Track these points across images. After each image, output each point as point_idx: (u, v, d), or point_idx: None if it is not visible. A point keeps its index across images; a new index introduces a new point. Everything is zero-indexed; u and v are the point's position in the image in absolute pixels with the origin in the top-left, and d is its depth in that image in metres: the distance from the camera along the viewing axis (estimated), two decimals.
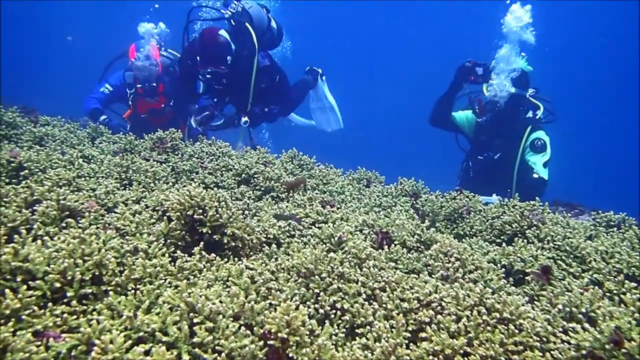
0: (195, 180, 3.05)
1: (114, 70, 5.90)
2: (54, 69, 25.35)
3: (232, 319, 1.47)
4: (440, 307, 1.59)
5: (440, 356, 1.39)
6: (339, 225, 2.29)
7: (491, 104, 5.11)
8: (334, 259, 1.79)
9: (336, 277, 1.73)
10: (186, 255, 1.83)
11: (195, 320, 1.41)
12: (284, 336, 1.37)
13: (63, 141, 3.58)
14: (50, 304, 1.47)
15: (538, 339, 1.41)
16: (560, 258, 2.08)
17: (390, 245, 2.16)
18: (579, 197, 4.50)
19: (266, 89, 5.19)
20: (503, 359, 1.37)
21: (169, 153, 3.61)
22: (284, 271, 1.83)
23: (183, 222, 1.99)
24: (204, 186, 2.91)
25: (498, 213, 2.75)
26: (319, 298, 1.67)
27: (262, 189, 3.01)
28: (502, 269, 2.01)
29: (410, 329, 1.54)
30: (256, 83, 5.00)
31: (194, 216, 1.96)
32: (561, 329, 1.51)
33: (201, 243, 1.91)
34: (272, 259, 2.00)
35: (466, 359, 1.39)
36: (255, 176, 3.07)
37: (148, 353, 1.31)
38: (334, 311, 1.62)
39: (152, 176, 2.81)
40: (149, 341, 1.38)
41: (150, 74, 5.56)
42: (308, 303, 1.67)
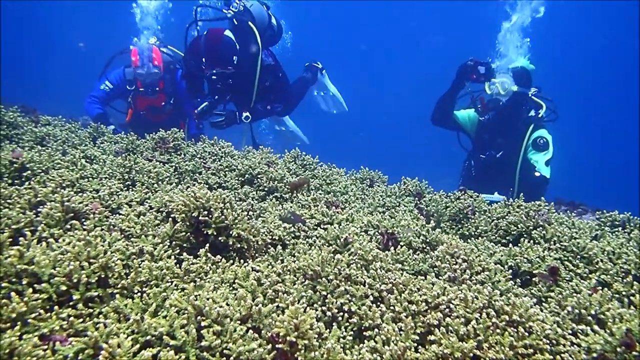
0: (198, 180, 3.04)
1: (113, 67, 5.89)
2: (53, 69, 25.32)
3: (239, 322, 1.46)
4: (448, 310, 1.58)
5: (449, 359, 1.38)
6: (344, 226, 2.28)
7: (493, 102, 5.11)
8: (340, 260, 1.78)
9: (343, 279, 1.72)
10: (192, 257, 1.81)
11: (202, 324, 1.40)
12: (293, 340, 1.36)
13: (64, 141, 3.57)
14: (56, 307, 1.46)
15: (548, 341, 1.40)
16: (567, 259, 2.07)
17: (396, 246, 2.15)
18: (578, 196, 4.50)
19: (270, 87, 5.20)
20: None
21: (171, 153, 3.60)
22: (290, 273, 1.82)
23: (188, 223, 1.97)
24: (207, 187, 2.90)
25: (503, 213, 2.74)
26: (326, 300, 1.66)
27: (266, 189, 3.00)
28: (509, 270, 2.00)
29: (418, 331, 1.53)
30: (260, 81, 5.00)
31: (199, 218, 1.95)
32: (570, 331, 1.50)
33: (206, 245, 1.90)
34: (277, 261, 1.99)
35: None
36: (259, 176, 3.06)
37: (156, 357, 1.30)
38: (341, 313, 1.61)
39: (155, 177, 2.80)
40: (157, 345, 1.36)
41: (152, 80, 5.59)
42: (315, 305, 1.66)
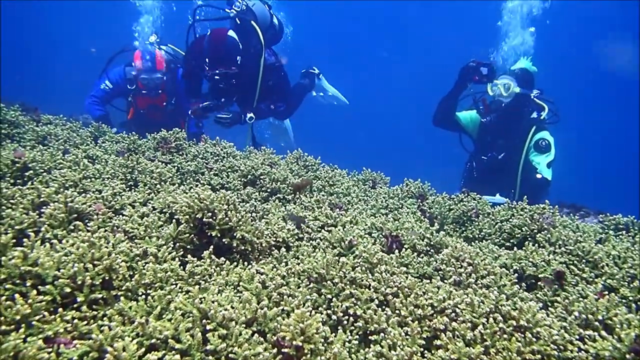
0: (201, 181, 3.02)
1: (114, 64, 5.88)
2: (53, 68, 25.28)
3: (244, 325, 1.45)
4: (454, 314, 1.57)
5: None
6: (348, 228, 2.27)
7: (496, 104, 5.10)
8: (345, 263, 1.77)
9: (348, 282, 1.71)
10: (196, 259, 1.80)
11: (207, 327, 1.39)
12: (299, 344, 1.35)
13: (66, 140, 3.55)
14: (60, 309, 1.45)
15: (555, 347, 1.39)
16: (572, 263, 2.06)
17: (400, 249, 2.14)
18: (578, 199, 4.49)
19: (272, 86, 5.19)
20: None
21: (173, 153, 3.59)
22: (294, 276, 1.81)
23: (192, 225, 1.96)
24: (210, 188, 2.89)
25: (507, 216, 2.73)
26: (331, 304, 1.65)
27: (269, 190, 2.99)
28: (515, 274, 1.99)
29: (424, 336, 1.52)
30: (263, 81, 5.00)
31: (202, 219, 1.94)
32: (577, 337, 1.49)
33: (210, 247, 1.89)
34: (282, 263, 1.98)
35: None
36: (262, 177, 3.05)
37: None
38: (346, 317, 1.60)
39: (157, 177, 2.79)
40: (162, 348, 1.35)
41: (156, 84, 5.60)
42: (320, 309, 1.65)
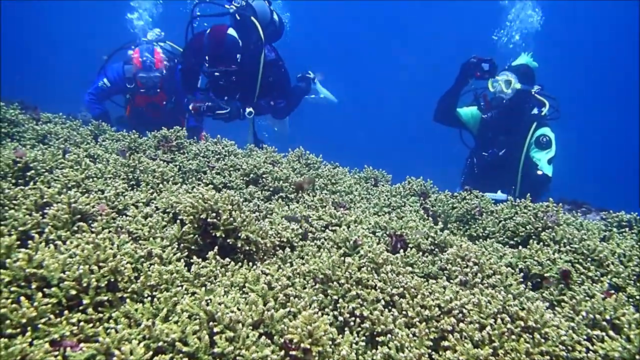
0: (203, 180, 3.01)
1: (112, 61, 5.85)
2: (53, 68, 25.16)
3: (251, 327, 1.44)
4: (461, 315, 1.56)
5: None
6: (353, 228, 2.26)
7: (497, 100, 5.08)
8: (351, 264, 1.76)
9: (354, 283, 1.70)
10: (200, 260, 1.79)
11: (215, 330, 1.38)
12: (307, 347, 1.34)
13: (66, 139, 3.54)
14: (66, 311, 1.44)
15: (564, 348, 1.39)
16: (577, 261, 2.06)
17: (405, 248, 2.13)
18: (577, 195, 4.49)
19: (273, 82, 5.17)
20: None
21: (174, 152, 3.57)
22: (300, 276, 1.80)
23: (196, 225, 1.95)
24: (213, 187, 2.88)
25: (510, 214, 2.72)
26: (337, 305, 1.64)
27: (271, 189, 2.98)
28: (520, 273, 1.98)
29: (431, 337, 1.51)
30: (263, 77, 4.98)
31: (207, 220, 1.93)
32: (585, 337, 1.49)
33: (215, 247, 1.88)
34: (286, 264, 1.97)
35: None
36: (264, 176, 3.03)
37: None
38: (353, 318, 1.60)
39: (160, 177, 2.77)
40: (169, 351, 1.35)
41: (154, 83, 5.57)
42: (326, 310, 1.64)
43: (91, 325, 1.43)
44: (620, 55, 23.77)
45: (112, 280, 1.56)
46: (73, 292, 1.47)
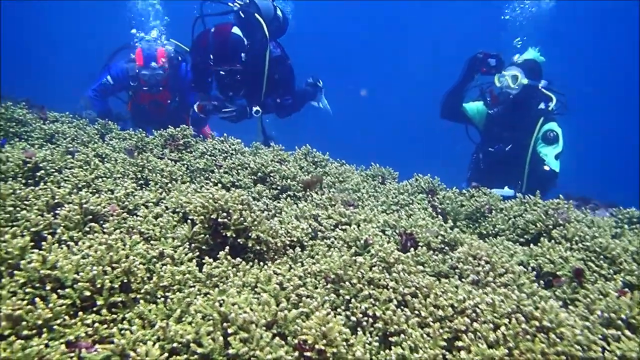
0: (211, 179, 3.01)
1: (117, 59, 5.85)
2: (54, 67, 25.20)
3: (265, 328, 1.44)
4: (475, 315, 1.56)
5: None
6: (363, 227, 2.25)
7: (503, 95, 5.05)
8: (362, 263, 1.76)
9: (366, 282, 1.70)
10: (212, 260, 1.79)
11: (229, 331, 1.38)
12: (321, 347, 1.34)
13: (74, 138, 3.54)
14: (80, 312, 1.45)
15: (580, 348, 1.38)
16: (589, 259, 2.04)
17: (415, 247, 2.13)
18: (580, 191, 4.46)
19: (279, 79, 5.16)
20: None
21: (181, 151, 3.57)
22: (311, 276, 1.80)
23: (206, 225, 1.95)
24: (221, 186, 2.88)
25: (519, 211, 2.71)
26: (350, 305, 1.64)
27: (279, 187, 2.97)
28: (533, 272, 1.97)
29: (445, 337, 1.51)
30: (269, 74, 4.97)
31: (217, 219, 1.93)
32: (600, 336, 1.48)
33: (226, 247, 1.88)
34: (297, 263, 1.97)
35: None
36: (272, 175, 3.03)
37: None
38: (365, 318, 1.59)
39: (168, 176, 2.78)
40: (183, 352, 1.35)
41: (157, 80, 5.57)
42: (339, 310, 1.64)
43: (105, 326, 1.44)
44: (620, 55, 23.61)
45: (125, 281, 1.56)
46: (87, 293, 1.48)
